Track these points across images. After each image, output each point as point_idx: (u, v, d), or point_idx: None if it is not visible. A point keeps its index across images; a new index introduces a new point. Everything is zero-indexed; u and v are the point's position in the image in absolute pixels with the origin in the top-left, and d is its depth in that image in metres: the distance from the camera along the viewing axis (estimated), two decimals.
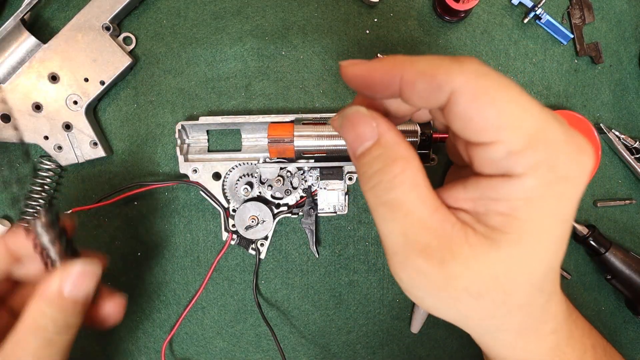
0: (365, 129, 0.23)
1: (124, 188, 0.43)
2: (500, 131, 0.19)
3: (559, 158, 0.19)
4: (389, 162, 0.22)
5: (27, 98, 0.41)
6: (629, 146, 0.43)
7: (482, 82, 0.19)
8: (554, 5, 0.43)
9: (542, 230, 0.20)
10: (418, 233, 0.21)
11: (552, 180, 0.19)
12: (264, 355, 0.46)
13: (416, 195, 0.21)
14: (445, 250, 0.21)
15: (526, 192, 0.20)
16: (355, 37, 0.43)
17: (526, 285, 0.22)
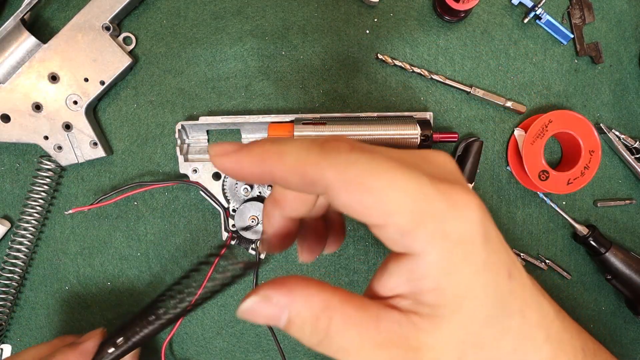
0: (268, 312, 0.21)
1: (124, 188, 0.43)
2: (386, 217, 0.20)
3: (447, 226, 0.20)
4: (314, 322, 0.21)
5: (27, 98, 0.41)
6: (629, 146, 0.43)
7: (353, 173, 0.19)
8: (554, 5, 0.43)
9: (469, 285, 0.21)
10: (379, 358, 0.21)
11: (451, 247, 0.20)
12: (264, 355, 0.46)
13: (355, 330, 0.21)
14: (410, 353, 0.21)
15: (435, 265, 0.20)
16: (355, 37, 0.43)
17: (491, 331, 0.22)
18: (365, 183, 0.19)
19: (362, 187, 0.19)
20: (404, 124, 0.39)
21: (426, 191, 0.20)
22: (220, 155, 0.22)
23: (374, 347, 0.21)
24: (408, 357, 0.21)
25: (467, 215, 0.21)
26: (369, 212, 0.20)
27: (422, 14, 0.43)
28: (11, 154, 0.44)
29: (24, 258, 0.43)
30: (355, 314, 0.21)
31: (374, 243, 0.45)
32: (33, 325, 0.46)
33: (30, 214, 0.42)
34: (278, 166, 0.21)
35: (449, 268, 0.21)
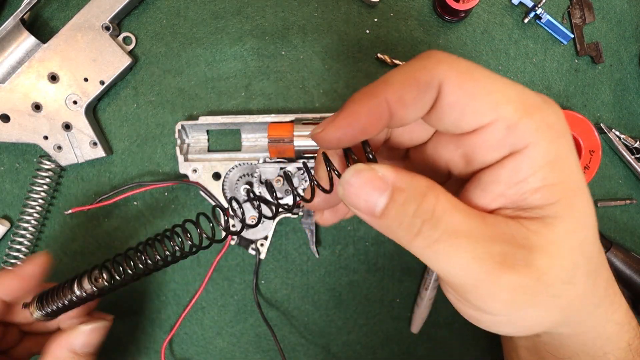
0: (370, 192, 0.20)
1: (124, 188, 0.43)
2: (495, 109, 0.20)
3: (549, 117, 0.20)
4: (419, 199, 0.19)
5: (26, 98, 0.41)
6: (630, 146, 0.43)
7: (462, 67, 0.20)
8: (554, 5, 0.43)
9: (575, 184, 0.20)
10: (490, 247, 0.19)
11: (554, 137, 0.20)
12: (264, 355, 0.46)
13: (464, 215, 0.20)
14: (524, 251, 0.19)
15: (543, 157, 0.20)
16: (355, 37, 0.43)
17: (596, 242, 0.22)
18: (475, 76, 0.20)
19: (473, 80, 0.20)
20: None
21: (523, 89, 0.20)
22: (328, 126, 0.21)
23: (484, 238, 0.19)
24: (519, 255, 0.19)
25: (558, 111, 0.21)
26: (479, 106, 0.20)
27: (422, 14, 0.43)
28: (11, 154, 0.44)
29: (24, 258, 0.43)
30: (462, 204, 0.20)
31: (374, 243, 0.45)
32: None
33: (30, 214, 0.42)
34: (391, 90, 0.20)
35: (557, 158, 0.20)
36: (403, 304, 0.46)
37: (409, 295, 0.46)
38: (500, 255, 0.19)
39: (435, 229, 0.19)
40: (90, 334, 0.32)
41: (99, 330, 0.32)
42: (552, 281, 0.20)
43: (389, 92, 0.20)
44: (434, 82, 0.20)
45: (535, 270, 0.19)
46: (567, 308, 0.21)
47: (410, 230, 0.20)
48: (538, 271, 0.19)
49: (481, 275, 0.19)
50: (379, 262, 0.45)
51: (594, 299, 0.24)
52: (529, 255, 0.19)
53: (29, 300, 0.32)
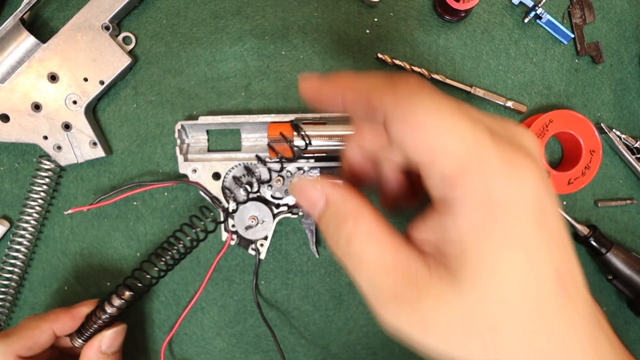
0: (312, 194, 0.24)
1: (124, 188, 0.43)
2: (431, 155, 0.19)
3: (493, 182, 0.19)
4: (341, 219, 0.22)
5: (26, 98, 0.41)
6: (630, 146, 0.43)
7: (412, 105, 0.20)
8: (555, 4, 0.43)
9: (497, 264, 0.19)
10: (383, 279, 0.21)
11: (490, 207, 0.19)
12: (264, 355, 0.46)
13: (373, 244, 0.22)
14: (413, 290, 0.20)
15: (468, 225, 0.19)
16: (355, 37, 0.43)
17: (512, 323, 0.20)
18: (421, 118, 0.19)
19: (416, 121, 0.19)
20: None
21: (482, 142, 0.19)
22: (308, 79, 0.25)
23: (383, 269, 0.21)
24: (409, 293, 0.20)
25: (521, 180, 0.19)
26: (417, 147, 0.20)
27: (422, 13, 0.43)
28: (10, 154, 0.44)
29: (23, 258, 0.43)
30: (379, 233, 0.22)
31: None
32: None
33: (29, 214, 0.42)
34: (349, 91, 0.23)
35: (480, 233, 0.19)
36: None
37: None
38: (391, 289, 0.21)
39: (346, 248, 0.22)
40: (112, 336, 0.39)
41: (119, 332, 0.40)
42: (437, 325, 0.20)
43: (346, 92, 0.23)
44: (380, 110, 0.21)
45: (419, 311, 0.20)
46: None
47: (331, 239, 0.23)
48: (422, 313, 0.20)
49: (373, 303, 0.22)
50: None
51: None
52: (417, 298, 0.20)
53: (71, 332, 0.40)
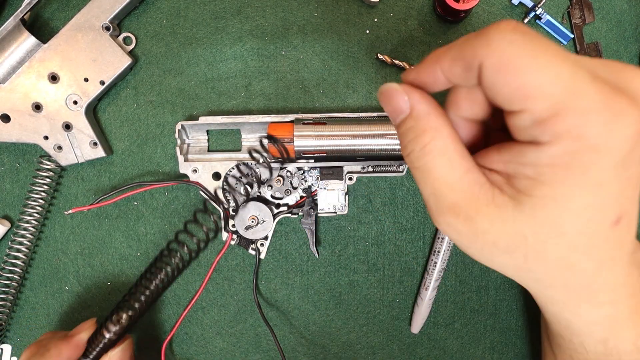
0: (399, 103, 0.25)
1: (124, 188, 0.43)
2: (525, 100, 0.19)
3: (588, 126, 0.19)
4: (419, 132, 0.24)
5: (27, 98, 0.41)
6: None
7: (506, 53, 0.19)
8: (554, 5, 0.43)
9: (567, 195, 0.20)
10: (446, 194, 0.23)
11: (579, 149, 0.19)
12: (264, 355, 0.46)
13: (444, 161, 0.23)
14: (471, 208, 0.22)
15: (551, 159, 0.20)
16: (355, 37, 0.43)
17: (559, 248, 0.22)
18: (516, 63, 0.19)
19: (511, 67, 0.19)
20: None
21: (581, 85, 0.19)
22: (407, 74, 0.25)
23: (449, 185, 0.23)
24: (467, 209, 0.23)
25: (619, 127, 0.19)
26: (510, 95, 0.20)
27: (422, 14, 0.43)
28: (11, 154, 0.44)
29: (24, 258, 0.43)
30: (453, 152, 0.23)
31: (374, 243, 0.45)
32: (33, 325, 0.46)
33: (30, 214, 0.42)
34: (445, 60, 0.23)
35: (560, 168, 0.20)
36: (403, 304, 0.46)
37: (409, 295, 0.46)
38: (451, 203, 0.23)
39: (418, 160, 0.24)
40: (119, 355, 0.38)
41: (125, 349, 0.39)
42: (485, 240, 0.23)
43: (442, 63, 0.23)
44: (474, 65, 0.21)
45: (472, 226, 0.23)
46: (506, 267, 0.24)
47: (406, 148, 0.25)
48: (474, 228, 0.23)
49: (432, 210, 0.24)
50: (379, 262, 0.45)
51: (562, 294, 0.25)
52: (475, 215, 0.22)
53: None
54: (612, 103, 0.19)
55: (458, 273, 0.45)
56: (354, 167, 0.42)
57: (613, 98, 0.19)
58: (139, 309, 0.38)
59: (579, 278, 0.24)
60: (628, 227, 0.23)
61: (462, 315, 0.46)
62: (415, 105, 0.24)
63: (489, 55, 0.20)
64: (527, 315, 0.46)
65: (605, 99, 0.19)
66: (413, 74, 0.25)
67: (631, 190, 0.22)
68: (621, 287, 0.26)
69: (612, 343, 0.27)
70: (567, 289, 0.25)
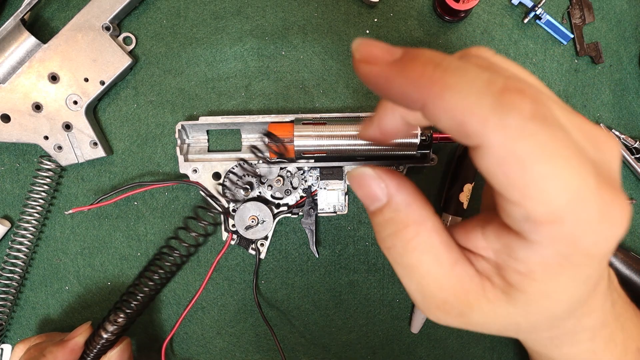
0: (374, 190, 0.21)
1: (124, 188, 0.43)
2: (524, 199, 0.17)
3: (585, 235, 0.17)
4: (401, 227, 0.21)
5: (27, 98, 0.41)
6: (629, 146, 0.43)
7: (519, 147, 0.16)
8: (554, 5, 0.43)
9: (560, 291, 0.19)
10: (434, 292, 0.21)
11: (573, 253, 0.18)
12: (264, 355, 0.46)
13: (430, 257, 0.21)
14: (463, 305, 0.21)
15: (543, 259, 0.18)
16: (355, 37, 0.43)
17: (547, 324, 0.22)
18: (525, 161, 0.16)
19: (519, 163, 0.16)
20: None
21: (586, 196, 0.17)
22: (367, 63, 0.19)
23: (437, 283, 0.21)
24: (458, 308, 0.21)
25: (612, 234, 0.18)
26: (507, 187, 0.17)
27: (422, 14, 0.43)
28: (11, 154, 0.44)
29: (24, 258, 0.43)
30: (438, 246, 0.21)
31: (374, 243, 0.45)
32: (33, 325, 0.46)
33: (30, 214, 0.42)
34: (436, 102, 0.17)
35: (553, 271, 0.19)
36: (403, 304, 0.46)
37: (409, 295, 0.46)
38: (441, 301, 0.21)
39: (401, 257, 0.21)
40: (117, 355, 0.39)
41: (124, 349, 0.40)
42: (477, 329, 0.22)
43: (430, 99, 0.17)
44: (475, 140, 0.17)
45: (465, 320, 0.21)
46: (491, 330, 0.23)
47: (384, 241, 0.22)
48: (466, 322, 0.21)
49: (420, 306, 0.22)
50: (379, 262, 0.45)
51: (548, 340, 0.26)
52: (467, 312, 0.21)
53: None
54: (610, 211, 0.18)
55: None
56: (354, 167, 0.42)
57: (610, 204, 0.18)
58: (136, 309, 0.38)
59: (562, 331, 0.25)
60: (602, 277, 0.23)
61: None
62: (393, 194, 0.21)
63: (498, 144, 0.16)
64: None
65: (604, 207, 0.17)
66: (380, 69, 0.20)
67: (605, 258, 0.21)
68: (599, 327, 0.26)
69: None
70: (552, 339, 0.26)
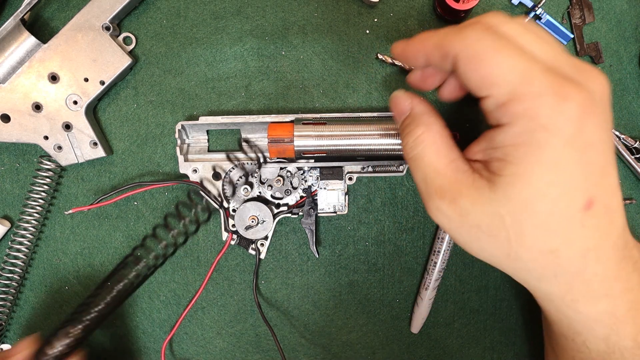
0: (403, 104, 0.31)
1: (124, 188, 0.43)
2: (489, 87, 0.24)
3: (539, 108, 0.22)
4: (414, 127, 0.29)
5: (27, 98, 0.41)
6: (629, 146, 0.43)
7: (477, 47, 0.24)
8: (554, 5, 0.43)
9: (530, 173, 0.23)
10: (434, 178, 0.27)
11: (534, 128, 0.23)
12: (264, 355, 0.46)
13: (433, 150, 0.28)
14: (455, 191, 0.26)
15: (513, 138, 0.23)
16: (355, 37, 0.43)
17: (535, 230, 0.24)
18: (483, 57, 0.24)
19: (479, 60, 0.24)
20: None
21: (532, 75, 0.23)
22: (397, 44, 0.30)
23: (436, 171, 0.27)
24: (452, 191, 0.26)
25: (565, 109, 0.22)
26: (478, 83, 0.24)
27: (422, 14, 0.43)
28: (11, 154, 0.44)
29: (24, 258, 0.43)
30: (441, 144, 0.28)
31: (374, 243, 0.45)
32: (33, 325, 0.46)
33: (30, 214, 0.42)
34: (428, 45, 0.27)
35: (521, 148, 0.23)
36: (403, 304, 0.46)
37: (409, 295, 0.46)
38: (438, 187, 0.27)
39: (412, 150, 0.29)
40: None
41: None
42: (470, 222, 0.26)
43: (426, 46, 0.27)
44: (450, 55, 0.25)
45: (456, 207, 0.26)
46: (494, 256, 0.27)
47: (403, 141, 0.30)
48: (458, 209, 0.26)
49: (422, 195, 0.28)
50: (379, 262, 0.45)
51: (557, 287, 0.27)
52: (458, 197, 0.26)
53: None
54: (560, 88, 0.22)
55: (458, 273, 0.45)
56: (354, 167, 0.42)
57: (561, 84, 0.22)
58: (91, 322, 0.36)
59: (566, 267, 0.25)
60: (605, 215, 0.24)
61: (462, 315, 0.46)
62: (414, 106, 0.30)
63: (462, 49, 0.24)
64: (527, 315, 0.46)
65: (553, 85, 0.22)
66: (401, 46, 0.29)
67: (597, 176, 0.24)
68: (614, 280, 0.26)
69: (613, 340, 0.28)
70: (558, 280, 0.26)
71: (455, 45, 0.25)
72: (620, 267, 0.26)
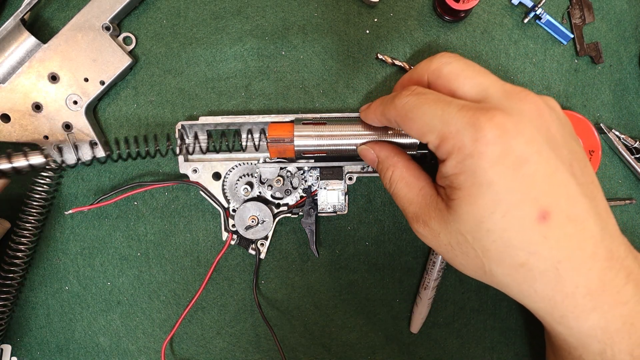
0: (369, 155, 0.36)
1: (124, 188, 0.43)
2: (423, 137, 0.29)
3: (461, 142, 0.26)
4: (385, 169, 0.34)
5: (27, 98, 0.41)
6: (629, 146, 0.43)
7: (405, 109, 0.29)
8: (554, 5, 0.43)
9: (473, 195, 0.26)
10: (409, 208, 0.32)
11: (463, 159, 0.26)
12: (264, 355, 0.46)
13: (403, 184, 0.33)
14: (425, 215, 0.30)
15: (451, 169, 0.27)
16: (355, 37, 0.43)
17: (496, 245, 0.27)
18: (410, 117, 0.29)
19: (409, 120, 0.29)
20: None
21: (449, 117, 0.27)
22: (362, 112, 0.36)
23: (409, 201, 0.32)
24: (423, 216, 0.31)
25: (480, 136, 0.25)
26: (416, 134, 0.29)
27: (422, 14, 0.43)
28: None
29: (24, 258, 0.43)
30: (408, 177, 0.33)
31: (374, 243, 0.45)
32: (33, 325, 0.46)
33: (30, 214, 0.42)
34: (373, 114, 0.34)
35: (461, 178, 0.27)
36: (403, 304, 0.46)
37: (409, 295, 0.46)
38: (414, 213, 0.32)
39: (389, 188, 0.34)
40: None
41: None
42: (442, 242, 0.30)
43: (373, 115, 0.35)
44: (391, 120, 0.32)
45: (428, 229, 0.30)
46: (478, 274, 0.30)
47: (383, 182, 0.35)
48: (430, 230, 0.30)
49: (408, 220, 0.33)
50: (379, 262, 0.45)
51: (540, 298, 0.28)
52: (427, 220, 0.30)
53: None
54: (473, 120, 0.26)
55: (458, 272, 0.45)
56: (354, 167, 0.42)
57: (473, 116, 0.26)
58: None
59: (542, 280, 0.27)
60: (569, 225, 0.25)
61: (461, 315, 0.46)
62: (378, 154, 0.36)
63: (396, 115, 0.30)
64: (527, 315, 0.46)
65: (467, 119, 0.26)
66: (362, 114, 0.36)
67: (544, 186, 0.25)
68: (600, 293, 0.26)
69: (609, 354, 0.28)
70: (540, 295, 0.27)
71: (392, 113, 0.31)
72: (606, 279, 0.26)
